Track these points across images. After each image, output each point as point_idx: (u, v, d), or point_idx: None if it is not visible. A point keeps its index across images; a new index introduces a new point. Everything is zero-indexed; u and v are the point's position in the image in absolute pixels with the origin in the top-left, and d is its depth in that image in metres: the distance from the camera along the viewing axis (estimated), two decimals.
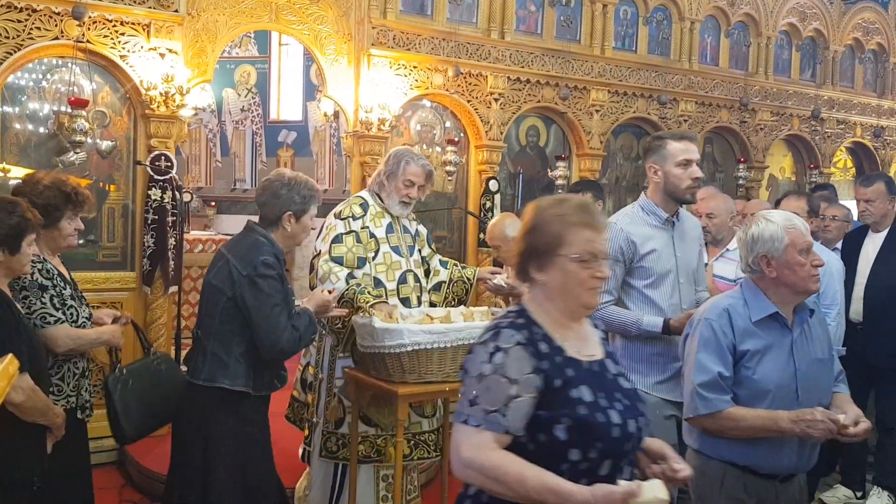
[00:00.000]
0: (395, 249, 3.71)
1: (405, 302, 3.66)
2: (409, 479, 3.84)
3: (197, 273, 8.26)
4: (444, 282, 3.89)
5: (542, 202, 2.00)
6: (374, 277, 3.63)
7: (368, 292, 3.44)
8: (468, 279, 3.90)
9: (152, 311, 5.14)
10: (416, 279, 3.78)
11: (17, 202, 2.75)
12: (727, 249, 4.36)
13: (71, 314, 3.00)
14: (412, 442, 3.68)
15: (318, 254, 3.63)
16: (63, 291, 2.99)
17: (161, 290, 5.16)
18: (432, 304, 3.84)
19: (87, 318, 3.10)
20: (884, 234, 4.75)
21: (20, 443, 2.63)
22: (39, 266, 2.91)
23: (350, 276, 3.53)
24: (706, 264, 4.31)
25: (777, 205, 5.27)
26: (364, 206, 3.76)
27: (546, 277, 1.93)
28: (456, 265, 3.98)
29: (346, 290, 3.46)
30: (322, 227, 3.76)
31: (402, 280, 3.70)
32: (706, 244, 4.45)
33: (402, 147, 4.02)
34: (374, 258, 3.66)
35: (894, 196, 4.76)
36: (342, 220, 3.68)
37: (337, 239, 3.62)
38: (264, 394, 3.16)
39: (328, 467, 3.76)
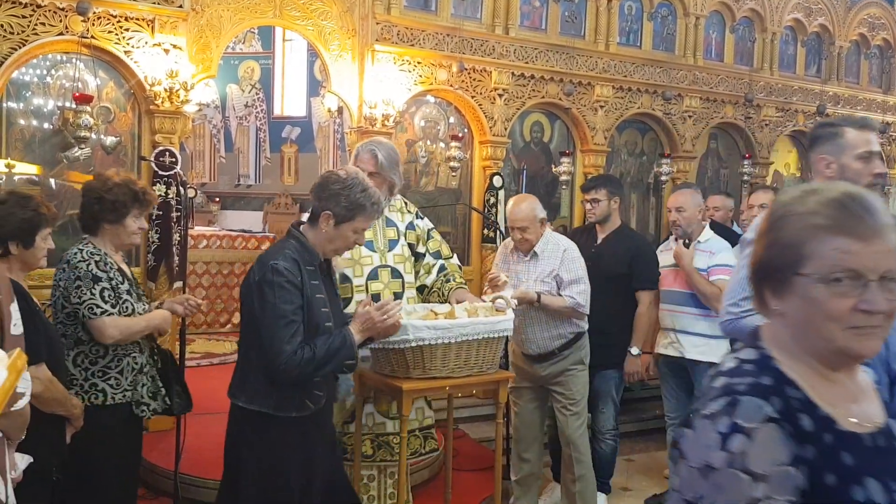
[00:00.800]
0: (368, 244, 3.58)
1: (376, 298, 3.51)
2: (390, 483, 3.78)
3: (202, 269, 8.29)
4: (427, 286, 3.79)
5: (784, 195, 1.40)
6: (341, 273, 3.56)
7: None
8: (444, 295, 3.74)
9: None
10: (396, 274, 3.66)
11: (31, 196, 2.81)
12: (699, 241, 4.61)
13: (126, 308, 3.06)
14: (375, 442, 3.63)
15: None
16: (119, 286, 3.06)
17: (165, 286, 5.17)
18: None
19: (142, 314, 3.16)
20: None
21: (37, 434, 2.60)
22: (97, 258, 3.02)
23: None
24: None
25: (749, 198, 5.30)
26: None
27: (783, 307, 1.34)
28: (446, 275, 3.80)
29: None
30: None
31: (373, 276, 3.61)
32: (675, 239, 4.71)
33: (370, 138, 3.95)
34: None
35: (886, 188, 4.73)
36: None
37: None
38: (294, 415, 2.77)
39: None
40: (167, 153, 5.10)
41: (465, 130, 6.44)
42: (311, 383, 2.79)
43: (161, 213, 5.08)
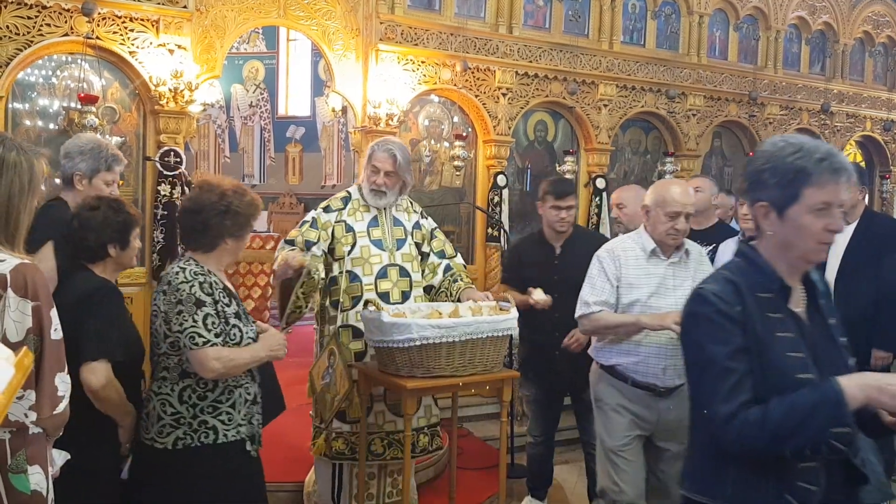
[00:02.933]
0: (377, 243, 3.68)
1: (384, 297, 3.60)
2: (390, 481, 3.81)
3: None
4: (434, 287, 3.84)
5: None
6: (350, 271, 3.64)
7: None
8: (452, 294, 3.77)
9: None
10: (404, 273, 3.72)
11: (119, 200, 2.91)
12: None
13: (234, 335, 2.65)
14: (385, 441, 3.65)
15: None
16: (226, 309, 2.66)
17: None
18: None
19: (252, 338, 2.73)
20: (853, 225, 4.56)
21: (99, 433, 2.66)
22: (202, 279, 2.62)
23: (290, 245, 3.61)
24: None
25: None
26: (346, 199, 3.77)
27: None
28: (452, 275, 3.84)
29: (277, 258, 3.49)
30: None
31: (382, 274, 3.67)
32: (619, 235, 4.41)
33: (379, 139, 3.94)
34: (349, 252, 3.65)
35: (863, 186, 4.62)
36: (315, 211, 3.77)
37: (300, 225, 3.73)
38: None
39: (328, 463, 3.77)
40: (172, 153, 5.12)
41: (469, 129, 6.45)
42: (793, 469, 1.84)
43: (166, 212, 5.10)
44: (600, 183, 6.79)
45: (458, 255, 4.00)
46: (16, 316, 1.94)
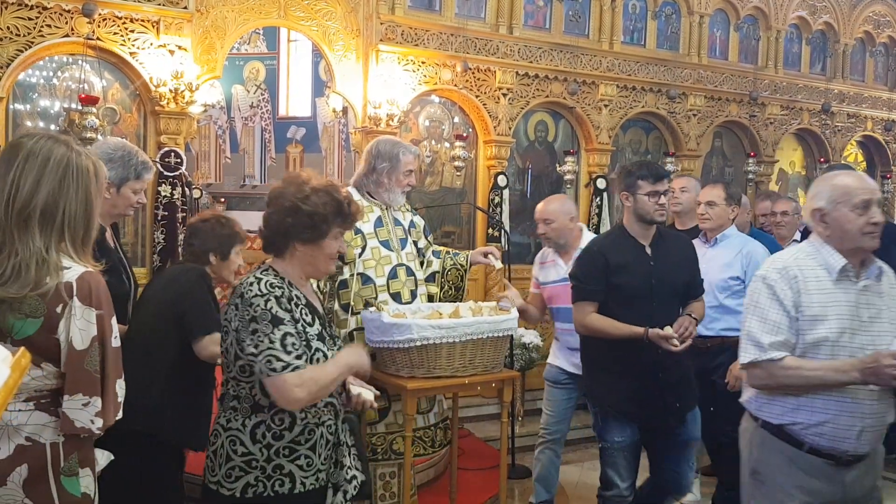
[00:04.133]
0: (385, 244, 3.71)
1: (396, 297, 3.64)
2: (409, 476, 3.82)
3: None
4: (438, 272, 3.91)
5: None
6: (362, 274, 3.65)
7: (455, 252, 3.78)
8: (461, 265, 3.91)
9: None
10: (409, 272, 3.76)
11: (228, 217, 3.16)
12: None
13: (316, 360, 2.28)
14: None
15: None
16: (307, 329, 2.29)
17: None
18: (429, 296, 3.84)
19: None
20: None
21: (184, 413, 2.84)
22: (279, 293, 2.24)
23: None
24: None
25: (772, 205, 5.27)
26: None
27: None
28: (448, 253, 3.98)
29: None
30: None
31: (393, 275, 3.69)
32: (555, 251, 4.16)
33: (385, 139, 3.90)
34: (360, 254, 3.65)
35: None
36: None
37: None
38: None
39: None
40: (172, 154, 5.12)
41: (470, 130, 6.45)
42: None
43: (167, 213, 5.11)
44: (601, 183, 6.78)
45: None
46: (81, 324, 1.93)
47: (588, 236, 4.09)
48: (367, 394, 2.55)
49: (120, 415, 2.07)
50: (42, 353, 1.93)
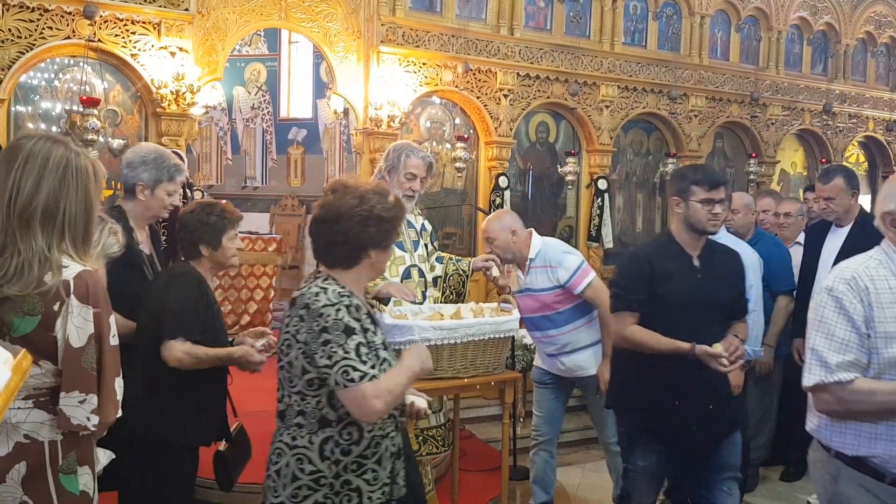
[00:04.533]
0: (399, 245, 3.72)
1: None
2: (423, 473, 3.85)
3: None
4: (440, 276, 3.92)
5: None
6: None
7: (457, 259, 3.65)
8: (463, 271, 3.91)
9: None
10: (421, 273, 3.80)
11: (215, 203, 3.05)
12: (531, 259, 3.89)
13: (383, 369, 2.20)
14: (420, 437, 3.69)
15: None
16: (374, 338, 2.22)
17: None
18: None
19: None
20: (847, 229, 4.48)
21: (185, 410, 2.85)
22: (347, 302, 2.16)
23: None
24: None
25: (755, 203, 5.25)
26: None
27: None
28: (451, 259, 3.99)
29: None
30: None
31: (406, 275, 3.72)
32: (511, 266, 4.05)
33: (400, 141, 3.98)
34: None
35: (855, 190, 4.52)
36: None
37: None
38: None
39: None
40: (174, 155, 5.11)
41: (471, 131, 6.45)
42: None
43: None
44: (602, 184, 6.78)
45: None
46: (78, 322, 1.96)
47: (538, 241, 3.89)
48: (421, 402, 2.52)
49: (119, 413, 2.08)
50: (40, 350, 1.95)
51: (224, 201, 3.13)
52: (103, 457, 2.24)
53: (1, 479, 1.94)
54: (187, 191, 5.16)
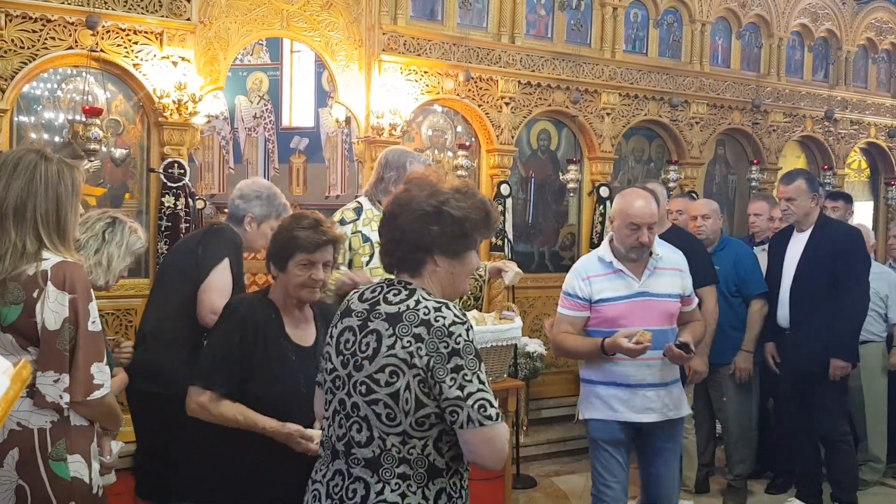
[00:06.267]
0: None
1: None
2: None
3: None
4: None
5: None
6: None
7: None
8: (480, 276, 3.89)
9: None
10: None
11: (297, 222, 2.57)
12: (657, 258, 3.56)
13: None
14: None
15: None
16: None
17: None
18: None
19: None
20: (808, 233, 4.47)
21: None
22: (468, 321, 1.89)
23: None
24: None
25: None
26: (358, 210, 3.75)
27: None
28: None
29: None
30: None
31: None
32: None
33: (395, 148, 3.91)
34: (368, 262, 3.64)
35: (815, 193, 4.49)
36: (343, 225, 3.72)
37: None
38: None
39: None
40: (176, 165, 5.13)
41: (473, 139, 6.45)
42: None
43: (170, 224, 5.11)
44: (604, 192, 6.78)
45: None
46: (54, 306, 2.12)
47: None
48: None
49: (97, 396, 2.16)
50: (26, 336, 2.13)
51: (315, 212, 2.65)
52: (115, 447, 2.48)
53: None
54: (189, 200, 5.18)
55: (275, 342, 2.46)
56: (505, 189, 6.35)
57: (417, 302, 1.83)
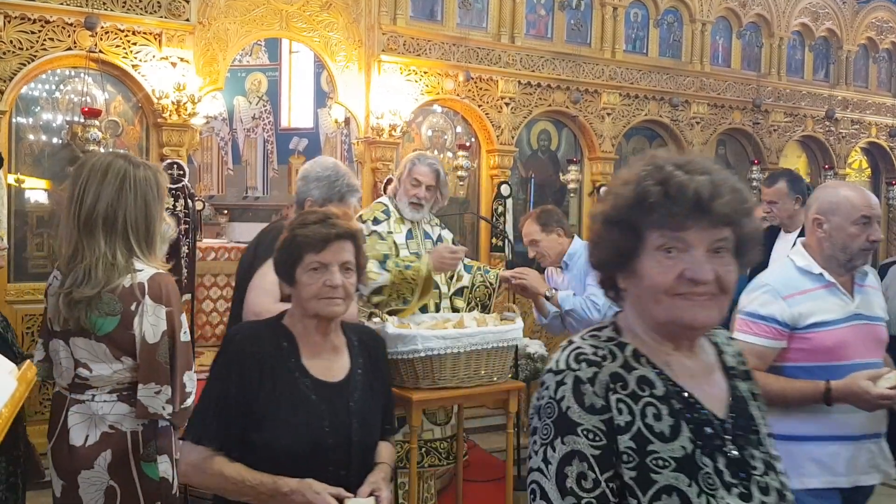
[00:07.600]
0: (416, 255, 3.72)
1: (422, 309, 3.64)
2: (425, 487, 3.82)
3: (210, 281, 8.29)
4: (466, 287, 3.87)
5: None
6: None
7: (406, 265, 3.44)
8: (490, 284, 3.87)
9: None
10: (435, 285, 3.75)
11: (297, 227, 2.16)
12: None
13: None
14: (423, 449, 3.68)
15: None
16: None
17: None
18: (455, 310, 3.82)
19: None
20: (795, 234, 4.30)
21: None
22: None
23: (382, 265, 3.54)
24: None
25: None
26: (386, 212, 3.79)
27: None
28: (479, 269, 3.94)
29: (390, 274, 3.44)
30: None
31: None
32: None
33: (416, 151, 4.00)
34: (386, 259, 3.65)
35: (798, 195, 4.34)
36: (363, 223, 3.71)
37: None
38: None
39: None
40: (175, 166, 5.11)
41: (473, 139, 6.44)
42: None
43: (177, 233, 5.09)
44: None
45: None
46: (153, 320, 2.16)
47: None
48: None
49: (188, 403, 2.23)
50: (121, 347, 2.16)
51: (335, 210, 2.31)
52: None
53: (90, 465, 2.15)
54: (188, 201, 5.16)
55: (286, 378, 1.94)
56: (505, 189, 6.33)
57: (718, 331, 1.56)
